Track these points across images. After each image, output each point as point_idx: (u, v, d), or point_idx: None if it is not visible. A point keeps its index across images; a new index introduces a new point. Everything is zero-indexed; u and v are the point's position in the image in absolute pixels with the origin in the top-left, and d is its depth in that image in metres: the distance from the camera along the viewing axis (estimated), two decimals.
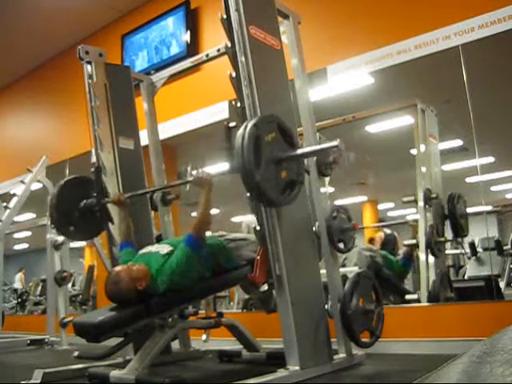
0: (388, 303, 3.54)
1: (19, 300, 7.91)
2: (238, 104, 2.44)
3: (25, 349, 4.52)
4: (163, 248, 2.55)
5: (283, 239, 2.34)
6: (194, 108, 4.56)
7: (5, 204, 4.56)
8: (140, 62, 5.13)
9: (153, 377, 2.37)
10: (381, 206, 6.98)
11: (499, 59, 3.43)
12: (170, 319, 2.71)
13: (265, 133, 2.17)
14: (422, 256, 3.47)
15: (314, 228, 2.65)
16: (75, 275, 6.86)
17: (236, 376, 2.23)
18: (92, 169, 2.97)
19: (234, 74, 2.46)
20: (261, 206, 2.37)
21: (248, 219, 3.25)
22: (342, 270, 2.92)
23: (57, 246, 4.53)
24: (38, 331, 4.87)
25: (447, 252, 3.64)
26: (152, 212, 3.37)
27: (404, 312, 3.31)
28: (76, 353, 2.89)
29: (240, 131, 2.12)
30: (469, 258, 4.09)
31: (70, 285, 6.33)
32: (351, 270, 3.14)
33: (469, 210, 3.62)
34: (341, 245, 2.69)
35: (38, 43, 5.93)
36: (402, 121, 4.11)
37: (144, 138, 3.41)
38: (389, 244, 4.43)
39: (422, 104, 3.67)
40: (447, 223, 3.57)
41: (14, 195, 4.50)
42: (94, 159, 3.11)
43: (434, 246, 3.45)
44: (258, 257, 2.38)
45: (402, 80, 3.76)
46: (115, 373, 2.46)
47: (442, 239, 3.53)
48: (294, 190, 2.28)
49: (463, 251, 4.19)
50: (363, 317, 2.59)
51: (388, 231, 5.23)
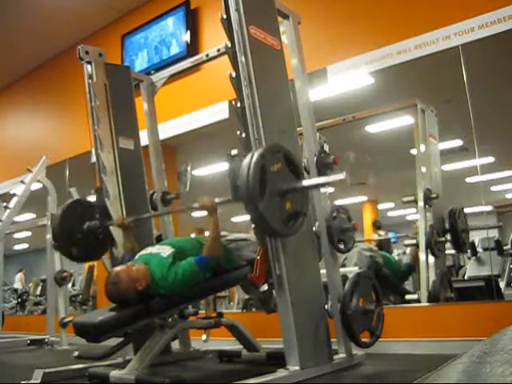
0: (388, 303, 3.54)
1: (19, 300, 7.90)
2: (238, 104, 2.44)
3: (25, 349, 4.51)
4: (164, 250, 2.55)
5: (283, 239, 2.34)
6: (194, 108, 4.55)
7: (5, 204, 4.55)
8: (140, 62, 5.13)
9: (153, 377, 2.38)
10: (381, 206, 6.99)
11: (499, 59, 3.43)
12: (170, 319, 2.71)
13: (271, 163, 2.16)
14: (422, 256, 3.47)
15: (314, 228, 2.65)
16: (75, 275, 6.84)
17: (236, 376, 2.24)
18: (93, 191, 2.96)
19: (234, 74, 2.46)
20: None
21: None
22: (342, 270, 2.92)
23: None
24: (38, 331, 4.87)
25: (447, 252, 3.63)
26: (152, 212, 3.37)
27: (404, 312, 3.31)
28: (76, 353, 2.89)
29: (246, 161, 2.12)
30: (469, 258, 4.09)
31: (70, 285, 6.33)
32: (351, 270, 3.14)
33: (469, 210, 3.62)
34: (341, 245, 2.70)
35: (38, 43, 5.93)
36: (402, 121, 4.11)
37: (144, 138, 3.41)
38: (384, 245, 4.45)
39: (422, 104, 3.67)
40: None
41: (14, 195, 4.50)
42: (94, 159, 3.12)
43: (434, 246, 3.45)
44: (258, 257, 2.38)
45: (402, 80, 3.76)
46: (115, 373, 2.47)
47: (442, 239, 3.53)
48: (298, 221, 2.28)
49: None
50: (363, 317, 2.59)
51: (382, 233, 5.28)
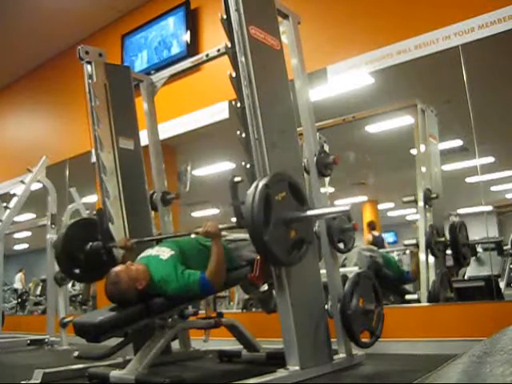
0: (388, 303, 3.54)
1: (19, 300, 7.89)
2: (238, 104, 2.44)
3: (25, 349, 4.51)
4: (164, 252, 2.54)
5: None
6: (194, 108, 4.55)
7: (5, 204, 4.55)
8: (140, 62, 5.13)
9: (153, 377, 2.38)
10: (381, 206, 6.99)
11: (499, 59, 3.43)
12: (170, 319, 2.71)
13: (275, 192, 2.18)
14: (422, 256, 3.47)
15: (314, 228, 2.65)
16: None
17: (236, 376, 2.23)
18: (94, 212, 2.95)
19: (234, 74, 2.46)
20: None
21: None
22: (342, 270, 2.92)
23: None
24: (38, 331, 4.87)
25: (447, 252, 3.63)
26: (152, 212, 3.37)
27: (404, 312, 3.30)
28: (76, 353, 2.89)
29: (251, 190, 2.14)
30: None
31: (70, 285, 6.31)
32: (351, 270, 3.14)
33: (469, 210, 3.62)
34: (341, 245, 2.70)
35: (38, 43, 5.93)
36: (402, 121, 4.11)
37: (144, 138, 3.41)
38: (377, 245, 4.46)
39: (422, 104, 3.67)
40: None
41: (14, 195, 4.49)
42: (94, 159, 3.11)
43: (434, 246, 3.45)
44: (258, 257, 2.38)
45: (402, 80, 3.76)
46: (115, 373, 2.47)
47: (442, 239, 3.53)
48: (302, 249, 2.28)
49: None
50: (363, 317, 2.59)
51: (376, 233, 5.28)
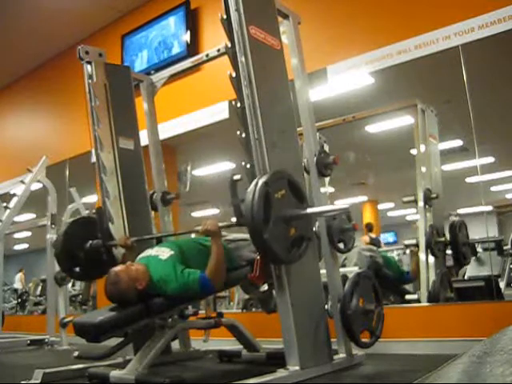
0: (388, 303, 3.54)
1: (19, 300, 7.89)
2: (238, 104, 2.44)
3: (25, 349, 4.51)
4: (163, 252, 2.54)
5: None
6: (194, 108, 4.55)
7: (5, 204, 4.55)
8: (140, 62, 5.13)
9: (153, 377, 2.38)
10: (381, 206, 6.99)
11: (499, 59, 3.43)
12: (170, 319, 2.70)
13: (275, 190, 2.18)
14: (422, 256, 3.47)
15: (314, 228, 2.65)
16: None
17: (236, 376, 2.23)
18: (93, 210, 2.94)
19: (234, 74, 2.45)
20: None
21: None
22: (342, 270, 2.92)
23: None
24: (38, 331, 4.87)
25: (447, 252, 3.64)
26: (152, 212, 3.37)
27: (404, 312, 3.30)
28: (76, 353, 2.89)
29: (251, 188, 2.14)
30: None
31: (70, 285, 6.32)
32: (351, 270, 3.14)
33: (469, 210, 3.62)
34: (341, 245, 2.69)
35: (38, 43, 5.93)
36: (402, 121, 4.11)
37: (144, 138, 3.41)
38: (374, 245, 4.46)
39: (422, 104, 3.67)
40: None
41: (14, 195, 4.49)
42: (94, 159, 3.11)
43: (434, 246, 3.45)
44: (258, 257, 2.38)
45: (402, 80, 3.76)
46: (115, 373, 2.46)
47: (442, 239, 3.53)
48: (302, 247, 2.29)
49: None
50: (363, 317, 2.59)
51: (373, 235, 5.29)
